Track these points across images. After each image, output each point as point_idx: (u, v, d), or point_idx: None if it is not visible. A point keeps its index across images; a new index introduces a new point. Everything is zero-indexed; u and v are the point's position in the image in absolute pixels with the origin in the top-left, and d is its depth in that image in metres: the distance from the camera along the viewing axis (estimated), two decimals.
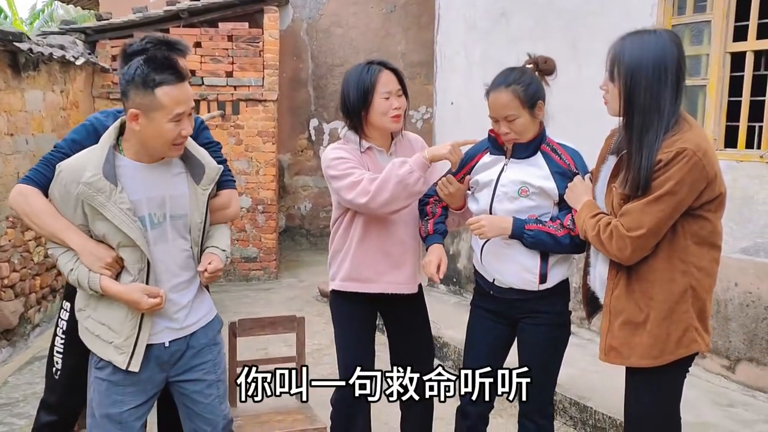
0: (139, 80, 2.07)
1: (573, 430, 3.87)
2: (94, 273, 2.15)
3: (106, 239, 2.16)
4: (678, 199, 2.07)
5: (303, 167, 9.21)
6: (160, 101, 2.07)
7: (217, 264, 2.31)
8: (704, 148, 2.07)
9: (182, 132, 2.14)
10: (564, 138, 2.74)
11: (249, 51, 7.43)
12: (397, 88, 2.72)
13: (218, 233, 2.44)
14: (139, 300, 2.14)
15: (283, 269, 8.09)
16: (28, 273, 5.32)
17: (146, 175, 2.20)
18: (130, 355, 2.20)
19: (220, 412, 2.41)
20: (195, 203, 2.28)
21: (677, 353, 2.17)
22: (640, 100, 2.11)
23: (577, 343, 4.96)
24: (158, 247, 2.22)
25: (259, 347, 4.69)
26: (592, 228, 2.24)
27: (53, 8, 17.29)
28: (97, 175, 2.09)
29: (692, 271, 2.15)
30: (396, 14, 9.13)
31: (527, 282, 2.52)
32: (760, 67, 4.16)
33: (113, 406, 2.23)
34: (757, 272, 3.91)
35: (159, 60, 2.11)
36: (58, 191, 2.16)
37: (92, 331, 2.24)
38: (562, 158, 2.50)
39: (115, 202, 2.11)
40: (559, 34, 5.20)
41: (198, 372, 2.36)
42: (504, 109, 2.44)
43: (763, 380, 3.94)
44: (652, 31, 2.18)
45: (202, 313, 2.40)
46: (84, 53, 6.66)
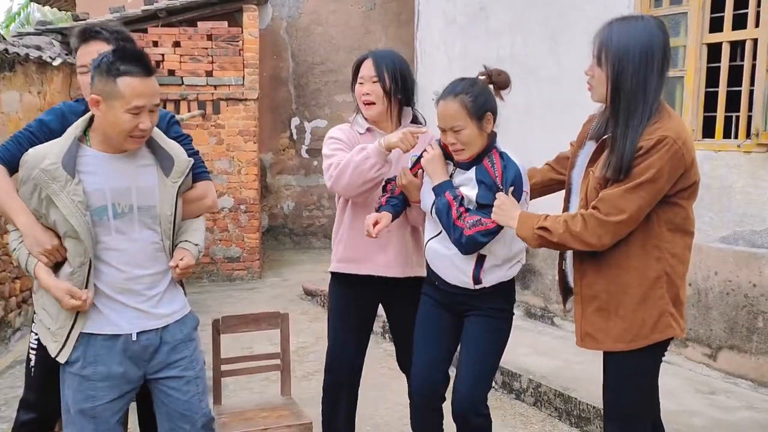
0: (104, 67, 2.09)
1: (558, 421, 3.89)
2: (33, 259, 2.18)
3: (55, 227, 2.17)
4: (657, 187, 2.09)
5: (285, 166, 9.19)
6: (119, 90, 2.09)
7: (188, 260, 2.30)
8: (684, 136, 2.10)
9: (139, 125, 2.14)
10: (546, 132, 2.75)
11: (229, 50, 7.39)
12: (371, 74, 2.80)
13: (191, 227, 2.42)
14: (60, 298, 2.15)
15: (267, 269, 8.06)
16: (7, 276, 5.25)
17: (111, 165, 2.21)
18: (62, 344, 2.20)
19: (199, 409, 2.37)
20: (164, 195, 2.28)
21: (652, 338, 2.20)
22: (627, 85, 2.12)
23: (561, 335, 5.00)
24: (122, 236, 2.22)
25: (244, 346, 4.68)
26: (557, 227, 2.22)
27: (29, 11, 17.09)
28: (55, 164, 2.11)
29: (666, 258, 2.18)
30: (375, 11, 9.13)
31: (463, 282, 2.54)
32: (736, 58, 4.21)
33: (86, 401, 2.21)
34: (736, 261, 3.96)
35: (128, 52, 2.13)
36: (22, 175, 2.19)
37: (38, 316, 2.28)
38: (495, 170, 2.45)
39: (68, 193, 2.12)
40: (538, 28, 5.23)
41: (175, 369, 2.33)
42: (451, 120, 2.40)
43: (744, 367, 3.99)
44: (639, 17, 2.21)
45: (176, 307, 2.37)
46: (61, 54, 6.59)
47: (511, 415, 3.98)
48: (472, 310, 2.59)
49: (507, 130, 6.12)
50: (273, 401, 3.13)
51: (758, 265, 3.88)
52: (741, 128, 4.04)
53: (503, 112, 2.56)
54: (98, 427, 2.23)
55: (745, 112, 4.01)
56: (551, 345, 4.78)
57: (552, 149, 5.47)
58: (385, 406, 4.04)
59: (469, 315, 2.61)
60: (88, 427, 2.22)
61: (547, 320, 5.31)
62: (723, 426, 3.50)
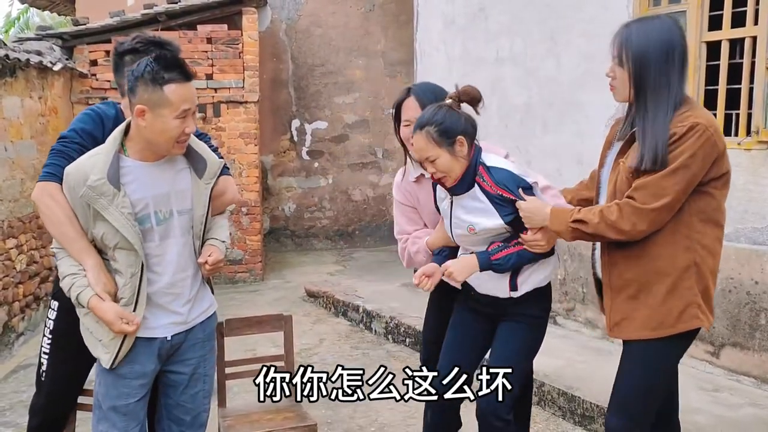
0: (148, 77, 2.12)
1: (561, 420, 3.90)
2: (89, 290, 2.19)
3: (104, 239, 2.21)
4: (692, 172, 2.11)
5: (286, 168, 9.19)
6: (167, 98, 2.13)
7: (217, 255, 2.35)
8: (715, 124, 2.14)
9: (186, 129, 2.19)
10: (545, 132, 2.76)
11: (228, 53, 7.40)
12: (417, 114, 2.63)
13: (216, 225, 2.48)
14: (112, 322, 2.19)
15: (269, 271, 8.07)
16: (11, 281, 5.26)
17: (151, 173, 2.25)
18: (115, 354, 2.24)
19: (202, 405, 2.46)
20: (198, 197, 2.33)
21: (677, 327, 2.20)
22: (651, 81, 2.17)
23: (563, 334, 5.01)
24: (165, 242, 2.28)
25: (248, 348, 4.68)
26: (592, 218, 2.22)
27: (29, 16, 17.12)
28: (101, 179, 2.15)
29: (696, 248, 2.19)
30: (375, 13, 9.14)
31: (500, 291, 2.57)
32: (736, 56, 4.22)
33: (120, 399, 2.28)
34: (738, 258, 3.97)
35: (168, 59, 2.16)
36: (69, 193, 2.23)
37: (87, 327, 2.30)
38: (490, 186, 2.45)
39: (117, 206, 2.16)
40: (537, 29, 5.23)
41: (189, 365, 2.42)
42: (422, 152, 2.42)
43: (746, 364, 3.99)
44: (656, 17, 2.28)
45: (204, 307, 2.46)
46: (61, 59, 6.60)
47: None
48: (507, 315, 2.62)
49: (507, 131, 6.16)
50: (277, 403, 3.13)
51: (760, 263, 3.88)
52: (741, 126, 4.05)
53: (501, 112, 2.57)
54: (129, 423, 2.30)
55: (745, 110, 4.02)
56: (554, 344, 4.77)
57: (552, 149, 5.50)
58: (388, 407, 4.05)
59: (503, 320, 2.63)
60: (120, 424, 2.29)
61: (549, 319, 5.30)
62: (727, 423, 3.51)
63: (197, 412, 2.46)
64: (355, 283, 6.91)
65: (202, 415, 2.48)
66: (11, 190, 5.39)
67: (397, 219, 2.91)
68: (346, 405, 4.09)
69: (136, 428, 2.33)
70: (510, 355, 2.56)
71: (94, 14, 7.81)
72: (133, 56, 2.43)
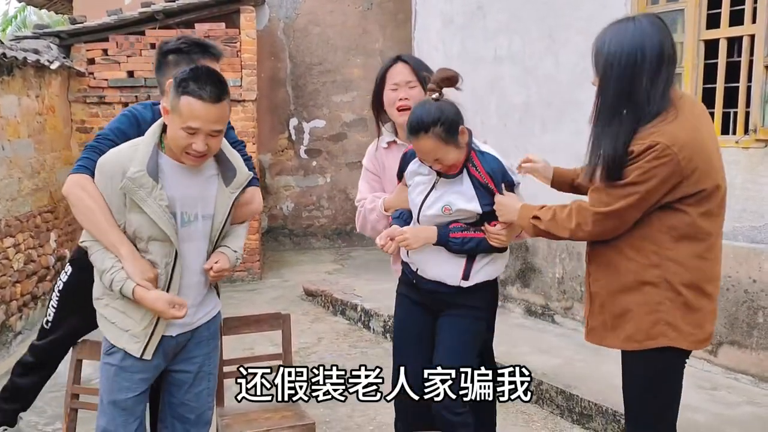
0: (177, 80, 2.14)
1: (559, 419, 3.90)
2: (130, 282, 2.20)
3: (138, 231, 2.23)
4: (643, 190, 2.05)
5: (284, 167, 9.18)
6: (179, 107, 2.14)
7: (223, 263, 2.36)
8: (682, 141, 2.02)
9: (193, 146, 2.18)
10: (544, 130, 2.76)
11: (226, 51, 7.35)
12: (408, 79, 2.70)
13: (234, 233, 2.49)
14: (164, 310, 2.21)
15: (267, 269, 8.06)
16: (8, 280, 5.25)
17: (183, 174, 2.27)
18: (145, 344, 2.28)
19: (206, 402, 2.49)
20: (221, 205, 2.35)
21: (645, 343, 2.16)
22: (611, 91, 2.09)
23: (561, 332, 5.01)
24: (185, 245, 2.29)
25: (246, 347, 4.68)
26: (546, 215, 2.25)
27: (26, 14, 17.06)
28: (141, 171, 2.16)
29: (667, 265, 2.12)
30: (373, 11, 9.13)
31: (450, 276, 2.56)
32: (734, 54, 4.22)
33: (120, 393, 2.30)
34: (735, 257, 3.97)
35: (204, 74, 2.15)
36: (103, 183, 2.24)
37: (109, 319, 2.31)
38: (479, 172, 2.47)
39: (155, 198, 2.18)
40: (535, 27, 5.23)
41: (194, 363, 2.44)
42: (431, 154, 2.42)
43: (744, 363, 4.00)
44: (632, 19, 2.15)
45: (209, 307, 2.48)
46: (59, 57, 6.59)
47: (513, 412, 3.99)
48: (450, 308, 2.61)
49: (505, 129, 6.17)
50: (276, 402, 3.13)
51: (758, 261, 3.88)
52: (739, 124, 4.05)
53: (500, 111, 2.57)
54: (128, 418, 2.32)
55: (743, 108, 4.02)
56: (552, 343, 4.79)
57: (550, 148, 5.49)
58: (387, 406, 4.04)
59: (444, 314, 2.63)
60: (119, 419, 2.31)
61: (547, 318, 5.32)
62: (725, 421, 3.52)
63: (202, 410, 2.48)
64: (353, 281, 6.90)
65: (206, 413, 2.50)
66: (8, 189, 5.37)
67: (360, 186, 2.95)
68: (344, 404, 4.08)
69: (134, 424, 2.33)
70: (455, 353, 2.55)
71: (91, 12, 7.78)
72: (177, 56, 2.50)
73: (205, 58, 2.53)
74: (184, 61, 2.47)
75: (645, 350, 2.18)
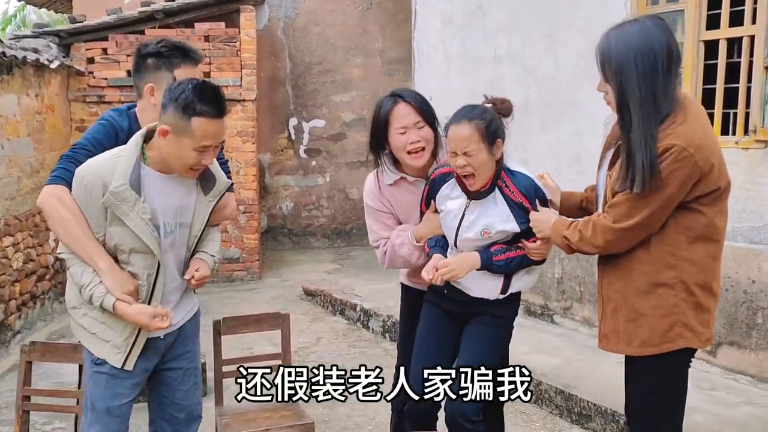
0: (181, 103, 2.10)
1: (558, 419, 3.90)
2: (110, 296, 2.18)
3: (120, 244, 2.20)
4: (666, 195, 2.04)
5: (284, 166, 9.18)
6: (192, 130, 2.11)
7: (203, 271, 2.36)
8: (697, 141, 2.02)
9: (202, 161, 2.19)
10: (544, 130, 2.75)
11: (226, 51, 7.39)
12: (415, 120, 2.58)
13: (209, 238, 2.48)
14: (147, 324, 2.19)
15: (266, 269, 8.06)
16: (7, 279, 5.25)
17: (165, 185, 2.25)
18: (127, 354, 2.26)
19: (196, 399, 2.51)
20: (198, 213, 2.34)
21: (663, 347, 2.15)
22: (635, 94, 2.05)
23: (561, 333, 5.01)
24: (167, 255, 2.29)
25: (245, 347, 4.68)
26: (573, 235, 2.24)
27: (26, 13, 17.04)
28: (124, 185, 2.13)
29: (683, 266, 2.12)
30: (372, 11, 9.13)
31: (491, 293, 2.57)
32: (733, 55, 4.22)
33: (114, 400, 2.29)
34: (735, 257, 3.97)
35: (207, 90, 2.13)
36: (81, 195, 2.19)
37: (89, 329, 2.28)
38: (512, 192, 2.47)
39: (138, 212, 2.16)
40: (535, 26, 5.23)
41: (182, 360, 2.46)
42: (465, 143, 2.37)
43: (743, 363, 3.99)
44: (634, 21, 2.13)
45: (190, 305, 2.50)
46: (58, 56, 6.58)
47: (512, 412, 3.98)
48: (477, 316, 2.61)
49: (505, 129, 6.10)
50: (275, 402, 3.13)
51: (757, 262, 3.88)
52: (739, 125, 4.05)
53: None
54: (121, 425, 2.32)
55: (742, 109, 4.02)
56: (551, 343, 4.78)
57: (550, 148, 5.49)
58: (385, 406, 4.04)
59: (471, 322, 2.63)
60: (113, 426, 2.30)
61: (547, 318, 5.32)
62: (724, 422, 3.51)
63: (191, 408, 2.50)
64: (353, 281, 6.91)
65: (196, 408, 2.53)
66: (8, 188, 5.37)
67: (371, 227, 2.83)
68: (343, 403, 4.08)
69: (125, 429, 2.35)
70: (481, 355, 2.55)
71: (91, 12, 7.78)
72: (156, 60, 2.42)
73: (185, 63, 2.45)
74: (164, 65, 2.40)
75: (659, 354, 2.16)
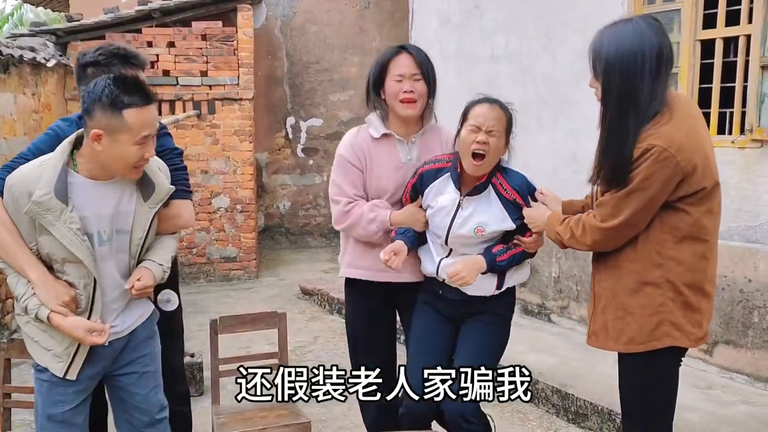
0: (106, 101, 2.03)
1: (555, 418, 3.90)
2: (45, 308, 2.12)
3: (51, 254, 2.14)
4: (648, 195, 2.05)
5: (281, 165, 9.18)
6: (127, 123, 2.05)
7: (145, 281, 2.27)
8: (678, 141, 2.03)
9: (145, 155, 2.13)
10: (541, 130, 2.77)
11: (223, 50, 7.38)
12: (413, 71, 2.60)
13: (159, 245, 2.39)
14: (83, 338, 2.14)
15: (264, 268, 8.06)
16: (2, 279, 5.24)
17: (98, 192, 2.17)
18: (69, 363, 2.20)
19: (156, 401, 2.43)
20: (139, 220, 2.26)
21: (649, 344, 2.16)
22: (615, 94, 2.08)
23: (558, 332, 5.02)
24: (105, 264, 2.21)
25: (242, 345, 4.67)
26: (565, 233, 2.29)
27: (22, 12, 17.02)
28: (48, 194, 2.05)
29: (669, 265, 2.13)
30: (370, 10, 9.13)
31: (486, 290, 2.58)
32: (730, 54, 4.22)
33: (55, 407, 2.23)
34: (731, 256, 3.97)
35: (128, 81, 2.08)
36: (11, 204, 2.13)
37: (32, 337, 2.24)
38: (506, 190, 2.51)
39: (65, 222, 2.08)
40: (532, 26, 5.23)
41: (136, 365, 2.38)
42: (493, 121, 2.44)
43: (739, 362, 4.00)
44: (629, 20, 2.14)
45: (140, 311, 2.40)
46: (55, 55, 6.58)
47: (509, 411, 3.99)
48: (474, 315, 2.61)
49: None
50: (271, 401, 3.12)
51: (753, 261, 3.89)
52: (735, 124, 4.06)
53: None
54: (69, 430, 2.26)
55: (738, 108, 4.03)
56: (548, 342, 4.79)
57: (547, 147, 5.50)
58: None
59: (467, 321, 2.63)
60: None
61: (544, 317, 5.33)
62: (720, 421, 3.52)
63: (154, 411, 2.42)
64: None
65: (159, 411, 2.44)
66: None
67: (336, 180, 2.73)
68: (339, 403, 4.08)
69: None
70: (480, 355, 2.54)
71: (88, 10, 7.77)
72: (95, 69, 2.36)
73: (127, 69, 2.40)
74: (104, 73, 2.28)
75: (646, 352, 2.18)
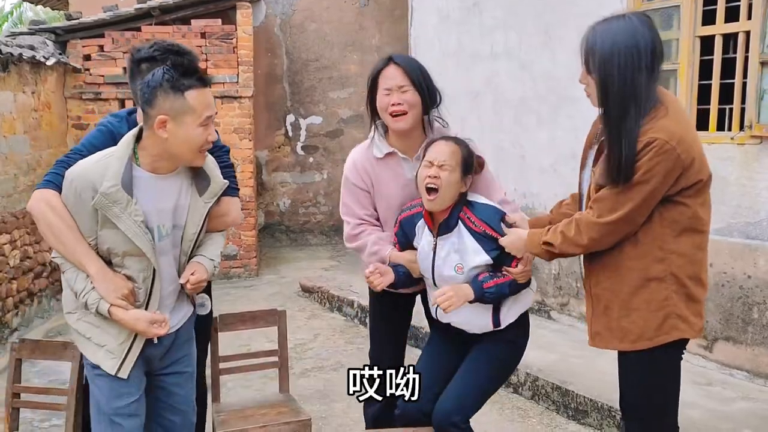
0: (167, 85, 2.06)
1: (555, 414, 3.91)
2: (104, 302, 2.13)
3: (112, 248, 2.15)
4: (649, 188, 2.06)
5: (281, 163, 9.17)
6: (190, 105, 2.08)
7: (199, 275, 2.30)
8: (679, 135, 2.05)
9: (209, 137, 2.15)
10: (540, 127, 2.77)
11: (223, 48, 7.38)
12: (400, 83, 2.56)
13: (210, 241, 2.42)
14: (145, 330, 2.16)
15: (264, 266, 8.06)
16: (4, 277, 5.25)
17: (158, 186, 2.20)
18: (122, 360, 2.21)
19: (192, 403, 2.46)
20: (193, 215, 2.28)
21: (657, 339, 2.16)
22: (615, 89, 2.08)
23: (558, 329, 5.02)
24: (163, 258, 2.24)
25: (242, 343, 4.68)
26: (555, 239, 2.24)
27: (22, 10, 17.01)
28: (115, 186, 2.08)
29: (671, 258, 2.13)
30: (369, 8, 9.12)
31: (482, 328, 2.59)
32: (729, 51, 4.22)
33: (120, 399, 2.23)
34: (731, 252, 3.98)
35: (186, 65, 2.11)
36: (71, 198, 2.14)
37: (83, 334, 2.24)
38: (474, 223, 2.49)
39: (130, 214, 2.10)
40: (531, 23, 5.23)
41: (179, 365, 2.41)
42: (444, 156, 2.47)
43: (739, 358, 4.01)
44: (621, 17, 2.16)
45: (185, 310, 2.43)
46: (55, 53, 6.57)
47: (509, 408, 4.00)
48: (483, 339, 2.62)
49: (501, 125, 6.15)
50: (271, 398, 3.14)
51: (753, 257, 3.89)
52: (734, 120, 4.06)
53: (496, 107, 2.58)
54: (133, 423, 2.26)
55: (738, 105, 4.03)
56: (548, 339, 4.79)
57: (546, 144, 5.49)
58: None
59: (475, 346, 2.64)
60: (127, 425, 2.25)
61: (544, 314, 5.33)
62: (720, 417, 3.53)
63: (188, 412, 2.45)
64: (350, 278, 6.90)
65: (192, 412, 2.48)
66: (4, 185, 5.37)
67: (345, 199, 2.80)
68: (340, 400, 4.10)
69: (140, 429, 2.30)
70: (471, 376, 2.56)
71: (87, 9, 7.76)
72: (150, 64, 2.36)
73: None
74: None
75: (653, 347, 2.18)
